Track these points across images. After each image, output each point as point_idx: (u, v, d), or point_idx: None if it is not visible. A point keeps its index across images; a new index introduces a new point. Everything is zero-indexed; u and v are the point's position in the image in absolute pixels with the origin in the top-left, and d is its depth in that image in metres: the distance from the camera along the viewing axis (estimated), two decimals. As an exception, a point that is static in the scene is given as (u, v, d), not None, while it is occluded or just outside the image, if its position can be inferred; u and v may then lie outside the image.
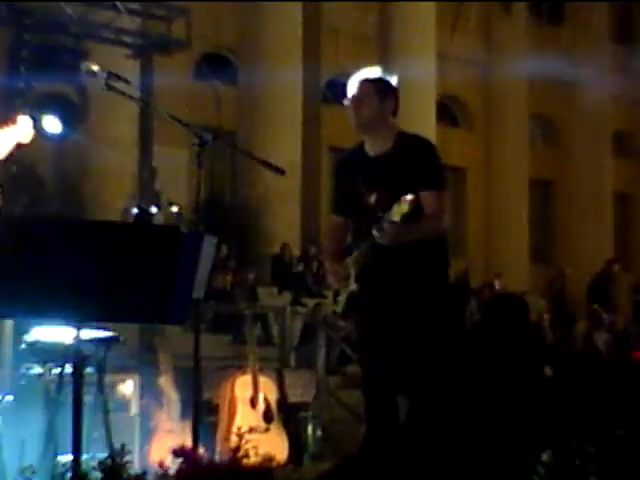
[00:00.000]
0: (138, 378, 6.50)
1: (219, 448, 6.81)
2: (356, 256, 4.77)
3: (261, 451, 5.72)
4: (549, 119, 25.01)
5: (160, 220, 14.33)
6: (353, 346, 9.77)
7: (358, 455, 5.08)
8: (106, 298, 3.52)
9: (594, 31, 24.09)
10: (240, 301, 10.36)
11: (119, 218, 13.84)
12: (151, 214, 14.15)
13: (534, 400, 5.53)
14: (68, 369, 4.63)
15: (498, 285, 17.63)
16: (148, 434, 6.58)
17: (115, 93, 5.03)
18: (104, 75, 5.03)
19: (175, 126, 5.06)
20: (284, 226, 17.44)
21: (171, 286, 3.54)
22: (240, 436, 5.47)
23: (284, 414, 7.53)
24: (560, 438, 5.36)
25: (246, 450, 5.10)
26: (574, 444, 5.25)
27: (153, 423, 6.70)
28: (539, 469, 5.00)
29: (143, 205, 14.43)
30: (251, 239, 16.99)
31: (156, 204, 14.90)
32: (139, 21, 15.43)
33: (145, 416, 6.58)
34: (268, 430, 7.08)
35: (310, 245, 16.93)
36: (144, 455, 6.34)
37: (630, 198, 25.86)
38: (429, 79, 19.90)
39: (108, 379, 5.38)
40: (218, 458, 6.12)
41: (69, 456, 3.84)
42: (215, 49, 19.60)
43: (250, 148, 14.15)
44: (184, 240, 3.68)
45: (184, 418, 6.56)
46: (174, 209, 15.28)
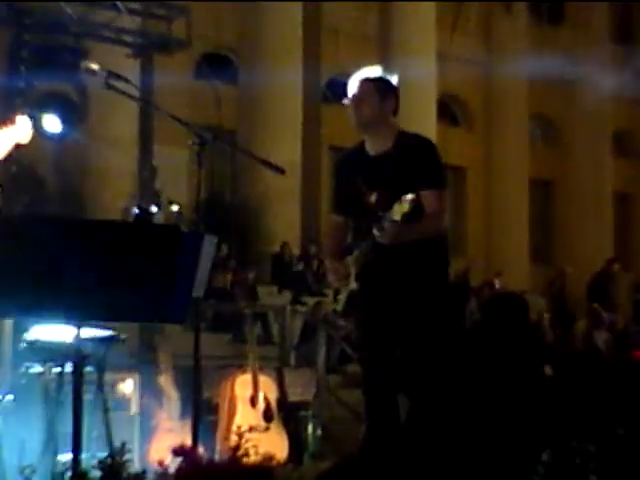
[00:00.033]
0: (138, 377, 6.50)
1: (219, 447, 6.80)
2: (356, 255, 4.76)
3: (261, 450, 5.72)
4: (549, 119, 25.01)
5: (160, 219, 14.33)
6: (353, 345, 9.76)
7: (358, 454, 5.08)
8: (106, 297, 3.52)
9: (594, 31, 24.09)
10: (240, 300, 10.36)
11: (119, 217, 13.84)
12: (151, 213, 14.16)
13: (534, 399, 5.53)
14: (68, 368, 4.64)
15: (498, 284, 17.64)
16: (148, 433, 6.57)
17: (115, 92, 5.03)
18: (104, 74, 5.03)
19: (175, 125, 5.05)
20: (284, 225, 17.44)
21: (171, 285, 3.54)
22: (240, 435, 5.47)
23: (284, 413, 7.52)
24: (560, 437, 5.36)
25: (246, 449, 5.10)
26: (574, 443, 5.26)
27: (153, 422, 6.70)
28: (539, 468, 5.01)
29: (143, 204, 14.44)
30: (251, 238, 16.98)
31: (156, 203, 14.91)
32: (139, 20, 15.43)
33: (145, 415, 6.57)
34: (268, 429, 7.07)
35: (310, 244, 16.93)
36: (144, 454, 6.34)
37: (630, 198, 25.86)
38: (429, 78, 19.90)
39: (108, 378, 5.38)
40: (218, 457, 6.12)
41: (69, 455, 3.84)
42: (215, 49, 19.59)
43: (250, 147, 14.12)
44: (184, 239, 3.68)
45: (184, 417, 6.55)
46: (174, 208, 15.29)
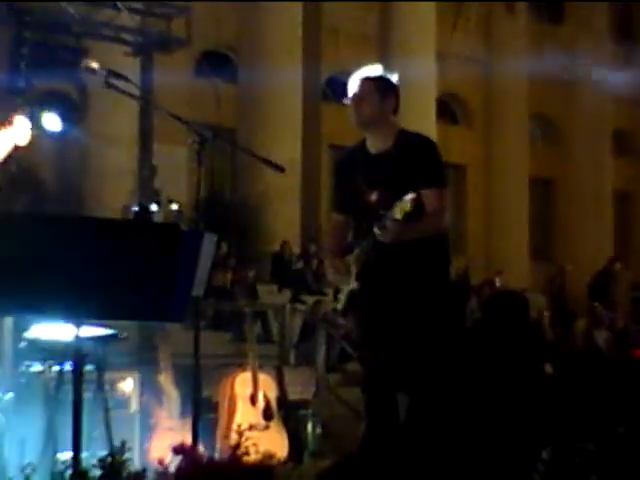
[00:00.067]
0: (138, 376, 6.49)
1: (219, 445, 6.80)
2: (357, 254, 4.76)
3: (261, 449, 5.71)
4: (549, 118, 25.01)
5: (160, 218, 14.35)
6: (353, 344, 9.76)
7: (358, 453, 5.08)
8: (106, 296, 3.51)
9: (594, 30, 24.08)
10: (240, 299, 10.37)
11: (119, 216, 13.85)
12: (151, 212, 14.17)
13: (534, 398, 5.53)
14: (68, 367, 4.63)
15: (499, 282, 17.65)
16: (148, 432, 6.57)
17: (115, 91, 5.02)
18: (104, 73, 5.02)
19: (175, 124, 5.05)
20: (284, 224, 17.44)
21: (171, 284, 3.53)
22: (240, 434, 5.46)
23: (284, 412, 7.52)
24: (560, 436, 5.36)
25: (246, 447, 5.09)
26: (574, 442, 5.26)
27: (153, 420, 6.69)
28: (539, 466, 5.01)
29: (143, 203, 14.45)
30: (251, 237, 16.98)
31: (156, 202, 14.92)
32: (139, 19, 15.41)
33: (145, 414, 6.57)
34: (268, 428, 7.07)
35: (310, 243, 16.94)
36: (144, 452, 6.33)
37: (630, 197, 25.87)
38: (429, 77, 19.91)
39: (108, 377, 5.38)
40: (218, 455, 6.12)
41: (69, 453, 3.84)
42: (215, 47, 19.59)
43: (250, 146, 14.10)
44: (184, 238, 3.67)
45: (184, 415, 6.55)
46: (174, 207, 15.31)
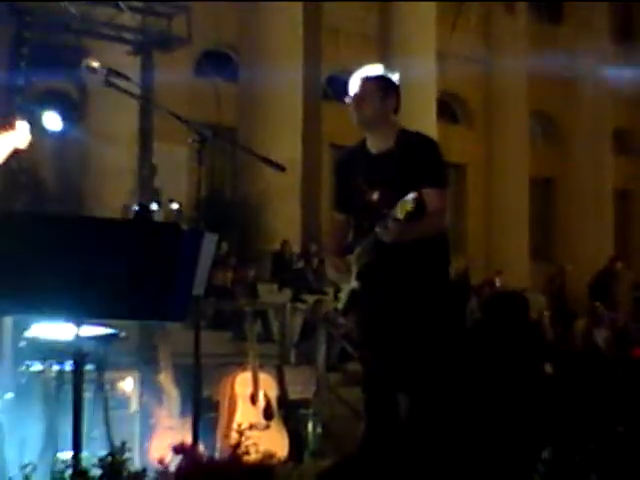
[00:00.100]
0: (138, 375, 6.49)
1: (219, 445, 6.80)
2: (358, 253, 4.75)
3: (261, 448, 5.69)
4: (549, 117, 25.01)
5: (160, 217, 14.34)
6: (354, 343, 9.76)
7: (358, 452, 5.08)
8: (106, 295, 3.51)
9: (594, 29, 24.08)
10: (240, 298, 10.37)
11: (119, 215, 13.85)
12: (151, 211, 14.16)
13: (534, 397, 5.53)
14: (68, 366, 4.63)
15: (499, 282, 17.64)
16: (148, 431, 6.57)
17: (115, 90, 5.02)
18: (104, 72, 5.01)
19: (175, 123, 5.04)
20: (284, 223, 17.43)
21: (171, 283, 3.53)
22: (240, 433, 5.45)
23: (284, 411, 7.52)
24: (560, 435, 5.35)
25: (246, 447, 5.08)
26: (574, 441, 5.25)
27: (153, 420, 6.69)
28: (539, 466, 5.00)
29: (143, 202, 14.45)
30: (251, 236, 16.97)
31: (156, 201, 14.92)
32: (139, 18, 15.42)
33: (145, 413, 6.57)
34: (268, 427, 7.07)
35: (310, 242, 16.93)
36: (144, 452, 6.33)
37: (630, 195, 25.87)
38: (429, 77, 19.90)
39: (108, 376, 5.38)
40: (218, 455, 6.11)
41: (69, 453, 3.84)
42: (215, 46, 19.59)
43: (250, 145, 14.07)
44: (184, 237, 3.67)
45: (184, 415, 6.55)
46: (174, 206, 15.30)
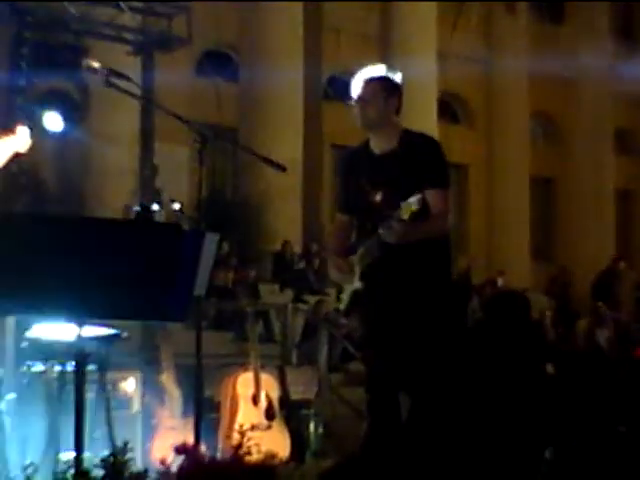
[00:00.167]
0: (140, 375, 6.50)
1: (221, 445, 6.80)
2: (361, 253, 4.74)
3: (263, 448, 5.69)
4: (550, 117, 25.00)
5: (161, 217, 14.33)
6: (355, 343, 9.77)
7: (360, 452, 5.08)
8: (107, 296, 3.51)
9: (595, 29, 24.06)
10: (242, 298, 10.38)
11: (120, 215, 13.84)
12: (152, 211, 14.15)
13: (536, 398, 5.52)
14: (70, 367, 4.63)
15: (501, 282, 17.62)
16: (150, 431, 6.57)
17: (116, 90, 5.02)
18: (105, 72, 5.02)
19: (176, 123, 5.05)
20: (285, 223, 17.42)
21: (172, 284, 3.53)
22: (242, 433, 5.45)
23: (286, 411, 7.52)
24: (562, 435, 5.36)
25: (248, 447, 5.08)
26: (576, 441, 5.25)
27: (155, 420, 6.70)
28: (542, 466, 5.00)
29: (144, 202, 14.44)
30: (252, 236, 16.96)
31: (157, 201, 14.91)
32: (140, 18, 15.42)
33: (147, 413, 6.57)
34: (270, 427, 7.07)
35: (311, 242, 16.92)
36: (146, 452, 6.33)
37: (631, 195, 25.85)
38: (430, 77, 19.88)
39: (110, 376, 5.38)
40: (220, 455, 6.11)
41: (71, 453, 3.84)
42: (216, 46, 19.58)
43: (251, 145, 14.03)
44: (185, 238, 3.67)
45: (186, 415, 6.56)
46: (175, 206, 15.27)
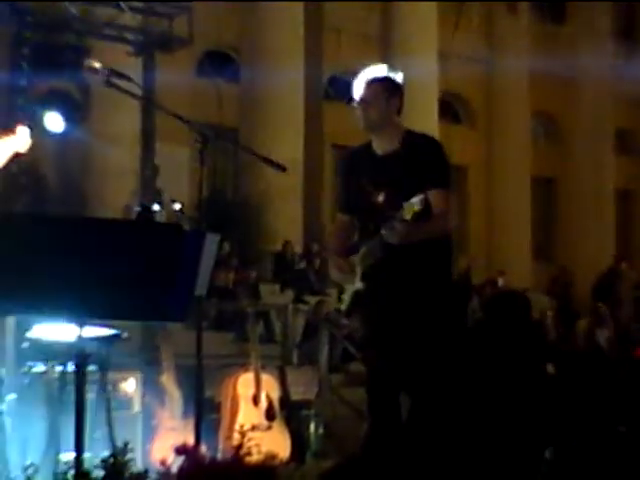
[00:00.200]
0: (140, 376, 6.50)
1: (221, 446, 6.81)
2: (363, 254, 4.74)
3: (263, 449, 5.70)
4: (551, 117, 24.99)
5: (162, 218, 14.33)
6: (356, 344, 9.76)
7: (360, 453, 5.08)
8: (107, 296, 3.51)
9: (596, 29, 24.06)
10: (242, 299, 10.39)
11: (121, 216, 13.85)
12: (153, 212, 14.15)
13: (536, 398, 5.52)
14: (70, 367, 4.63)
15: (501, 282, 17.62)
16: (150, 432, 6.58)
17: (117, 90, 5.02)
18: (106, 72, 5.03)
19: (177, 123, 5.05)
20: (286, 223, 17.42)
21: (172, 284, 3.53)
22: (242, 434, 5.45)
23: (286, 412, 7.52)
24: (562, 435, 5.36)
25: (248, 448, 5.08)
26: (576, 441, 5.26)
27: (155, 421, 6.70)
28: (542, 466, 5.01)
29: (145, 202, 14.44)
30: (253, 236, 16.96)
31: (158, 202, 14.91)
32: (141, 18, 15.41)
33: (147, 414, 6.58)
34: (270, 428, 7.07)
35: (312, 242, 16.92)
36: (146, 453, 6.34)
37: (632, 195, 25.85)
38: (431, 77, 19.87)
39: (110, 377, 5.38)
40: (220, 456, 6.11)
41: (71, 454, 3.84)
42: (217, 47, 19.58)
43: (252, 145, 14.05)
44: (186, 238, 3.67)
45: (186, 416, 6.56)
46: (176, 207, 15.28)
